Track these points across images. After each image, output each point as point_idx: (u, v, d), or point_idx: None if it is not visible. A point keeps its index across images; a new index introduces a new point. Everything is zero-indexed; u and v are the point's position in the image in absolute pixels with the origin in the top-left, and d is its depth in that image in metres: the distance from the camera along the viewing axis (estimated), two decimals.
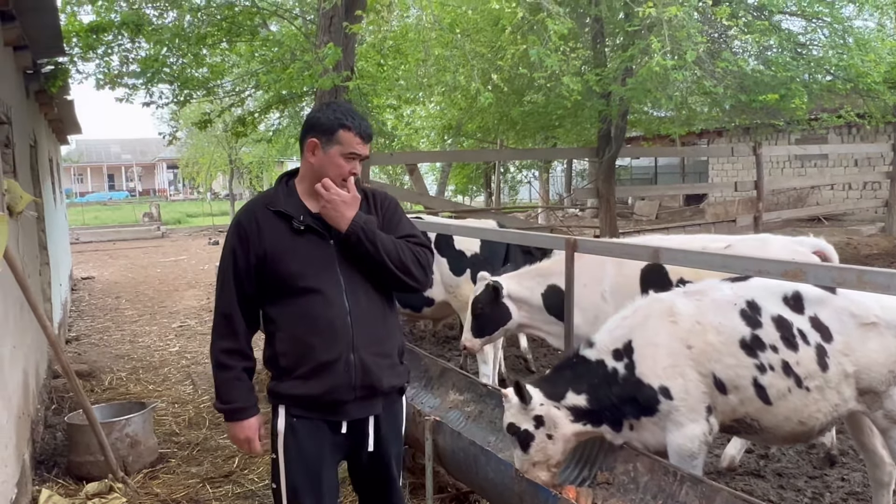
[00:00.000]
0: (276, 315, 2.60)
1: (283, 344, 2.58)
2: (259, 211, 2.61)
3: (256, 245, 2.56)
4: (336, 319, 2.54)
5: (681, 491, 3.04)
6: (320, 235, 2.59)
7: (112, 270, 16.85)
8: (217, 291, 2.65)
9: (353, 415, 2.63)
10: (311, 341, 2.54)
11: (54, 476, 4.85)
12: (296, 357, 2.57)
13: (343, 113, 2.59)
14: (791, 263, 2.84)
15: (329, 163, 2.58)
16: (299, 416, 2.60)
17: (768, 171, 19.37)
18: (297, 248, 2.56)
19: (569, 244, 3.84)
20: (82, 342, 9.09)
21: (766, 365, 3.20)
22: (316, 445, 2.62)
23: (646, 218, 21.69)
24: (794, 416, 3.24)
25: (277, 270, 2.55)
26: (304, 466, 2.61)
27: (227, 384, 2.61)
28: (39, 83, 7.55)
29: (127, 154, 66.66)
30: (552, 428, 3.25)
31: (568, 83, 6.61)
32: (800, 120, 10.54)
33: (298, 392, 2.58)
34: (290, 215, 2.58)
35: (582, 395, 3.29)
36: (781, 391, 3.20)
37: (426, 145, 19.52)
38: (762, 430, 3.33)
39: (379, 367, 2.62)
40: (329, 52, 6.37)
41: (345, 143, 2.56)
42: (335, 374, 2.55)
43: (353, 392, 2.58)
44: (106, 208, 43.08)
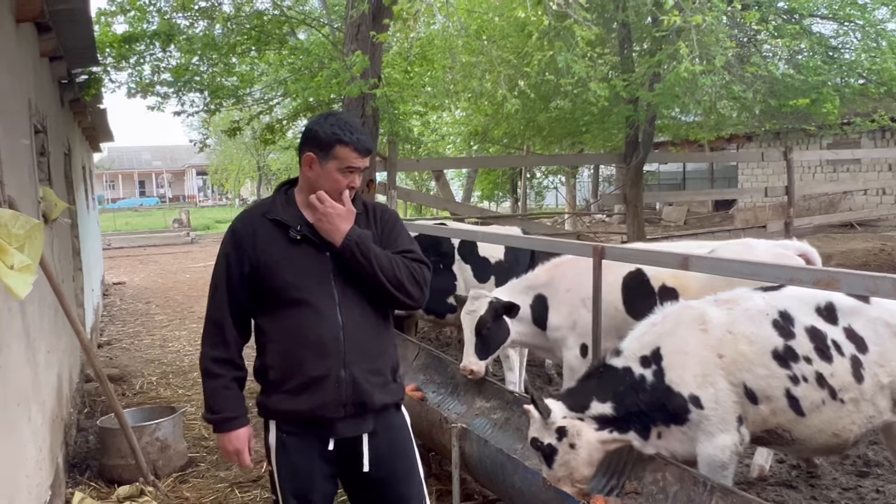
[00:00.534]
0: (267, 326, 2.55)
1: (272, 356, 2.53)
2: (256, 219, 2.57)
3: (251, 253, 2.51)
4: (327, 334, 2.48)
5: (711, 501, 3.00)
6: (316, 247, 2.52)
7: (142, 276, 17.09)
8: (209, 298, 2.60)
9: (342, 433, 2.54)
10: (300, 355, 2.48)
11: (87, 479, 4.92)
12: (285, 371, 2.51)
13: (341, 127, 2.52)
14: (823, 272, 2.79)
15: (326, 177, 2.52)
16: (289, 431, 2.55)
17: (799, 176, 19.13)
18: (292, 259, 2.51)
19: (596, 251, 3.81)
20: (113, 346, 9.23)
21: (800, 376, 3.16)
22: (306, 461, 2.56)
23: (674, 224, 21.50)
24: (828, 429, 3.20)
25: (271, 280, 2.50)
26: (295, 482, 2.56)
27: (216, 393, 2.55)
28: (74, 92, 7.71)
29: (157, 161, 67.74)
30: (575, 437, 3.22)
31: (595, 89, 6.58)
32: (832, 124, 10.38)
33: (286, 407, 2.52)
34: (287, 224, 2.52)
35: (607, 403, 3.27)
36: (815, 403, 3.16)
37: (452, 151, 19.55)
38: (794, 442, 3.29)
39: (371, 384, 2.54)
40: (357, 60, 6.43)
41: (342, 158, 2.49)
42: (324, 389, 2.48)
43: (343, 409, 2.50)
44: (137, 214, 43.77)
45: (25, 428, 3.43)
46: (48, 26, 5.09)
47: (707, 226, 19.07)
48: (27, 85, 4.59)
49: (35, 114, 4.82)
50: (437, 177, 16.97)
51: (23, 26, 4.49)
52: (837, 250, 14.63)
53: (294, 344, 2.49)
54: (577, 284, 4.72)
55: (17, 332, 3.41)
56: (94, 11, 7.58)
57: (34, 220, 2.91)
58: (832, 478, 4.59)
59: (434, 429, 4.19)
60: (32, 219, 2.94)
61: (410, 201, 17.12)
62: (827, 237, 16.86)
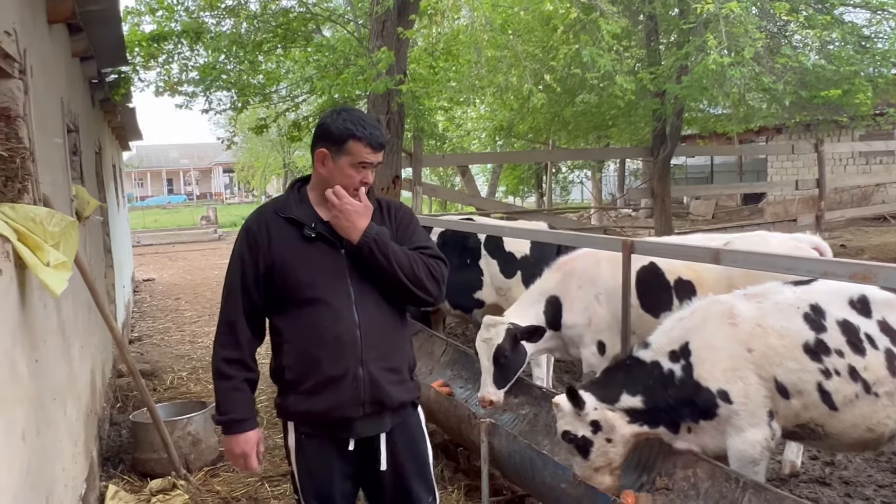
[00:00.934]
0: (282, 326, 2.52)
1: (288, 357, 2.50)
2: (269, 217, 2.53)
3: (265, 252, 2.48)
4: (344, 333, 2.45)
5: (743, 498, 2.97)
6: (331, 244, 2.49)
7: (171, 272, 17.30)
8: (223, 299, 2.57)
9: (361, 433, 2.52)
10: (317, 355, 2.45)
11: (120, 472, 5.00)
12: (301, 371, 2.48)
13: (353, 122, 2.48)
14: (860, 265, 2.74)
15: (339, 173, 2.48)
16: (307, 433, 2.54)
17: (831, 168, 18.79)
18: (308, 257, 2.47)
19: (625, 246, 3.79)
20: (144, 342, 9.35)
21: (832, 370, 3.13)
22: (325, 462, 2.55)
23: (702, 218, 21.27)
24: (862, 423, 3.16)
25: (286, 279, 2.47)
26: (315, 484, 2.56)
27: (226, 394, 2.52)
28: (104, 92, 7.82)
29: (185, 159, 68.49)
30: (610, 431, 3.23)
31: (621, 83, 6.52)
32: (864, 115, 10.19)
33: (304, 408, 2.50)
34: (301, 222, 2.49)
35: (637, 396, 3.27)
36: (848, 397, 3.12)
37: (477, 147, 19.52)
38: (827, 437, 3.25)
39: (389, 382, 2.52)
40: (382, 57, 6.43)
41: (354, 154, 2.46)
42: (342, 389, 2.45)
43: (361, 408, 2.48)
44: (165, 212, 44.31)
45: (61, 422, 3.49)
46: (79, 27, 5.16)
47: (736, 220, 18.83)
48: (60, 85, 4.66)
49: (68, 113, 4.90)
50: (463, 172, 16.96)
51: (55, 27, 4.55)
52: (871, 244, 14.38)
53: (310, 343, 2.46)
54: (588, 280, 4.73)
55: (52, 329, 3.47)
56: (122, 11, 7.69)
57: (69, 218, 2.95)
58: (867, 475, 4.52)
59: (463, 424, 4.19)
60: (67, 216, 2.98)
61: (435, 197, 17.13)
62: (859, 230, 16.58)
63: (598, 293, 4.69)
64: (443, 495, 4.22)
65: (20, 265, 2.67)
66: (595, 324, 4.66)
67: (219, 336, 2.55)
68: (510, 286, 6.07)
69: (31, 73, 3.22)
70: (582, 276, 4.75)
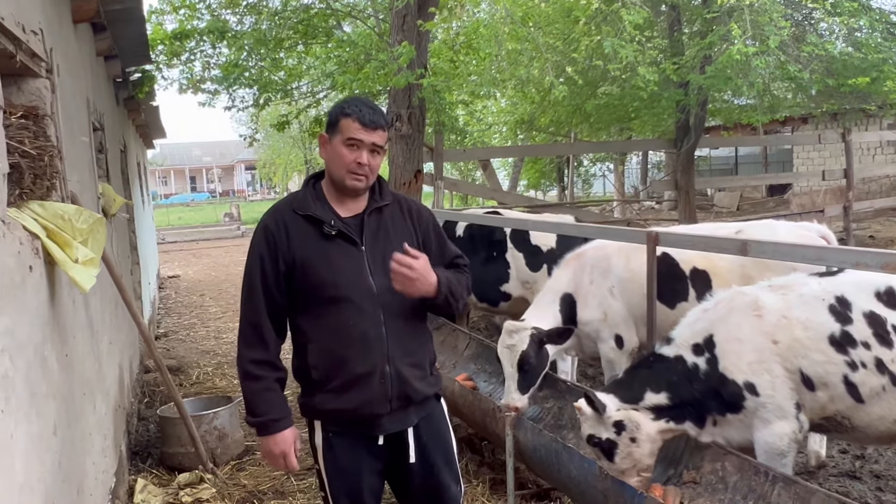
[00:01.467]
0: (306, 325, 2.50)
1: (314, 356, 2.48)
2: (287, 215, 2.50)
3: (285, 251, 2.45)
4: (370, 330, 2.44)
5: (773, 492, 2.94)
6: (351, 241, 2.48)
7: (196, 269, 17.47)
8: (243, 299, 2.53)
9: (389, 428, 2.53)
10: (344, 354, 2.45)
11: (148, 466, 5.06)
12: (328, 370, 2.47)
13: (347, 103, 2.49)
14: (892, 254, 2.69)
15: (334, 154, 2.46)
16: (335, 431, 2.53)
17: (858, 158, 18.44)
18: (328, 255, 2.45)
19: (650, 238, 3.76)
20: (170, 338, 9.46)
21: (858, 362, 3.09)
22: (354, 459, 2.54)
23: (726, 209, 21.03)
24: (890, 416, 3.11)
25: (308, 278, 2.45)
26: (344, 480, 2.55)
27: (259, 395, 2.49)
28: (128, 90, 7.91)
29: (207, 157, 69.08)
30: (635, 430, 3.20)
31: (644, 74, 6.45)
32: (893, 103, 10.00)
33: (332, 406, 2.49)
34: (321, 220, 2.47)
35: (662, 393, 3.24)
36: (875, 389, 3.08)
37: (498, 140, 19.46)
38: (854, 430, 3.21)
39: (414, 377, 2.53)
40: (403, 51, 6.42)
41: (344, 130, 2.42)
42: (370, 386, 2.46)
43: (389, 405, 2.49)
44: (189, 209, 44.75)
45: (91, 417, 3.54)
46: (103, 26, 5.21)
47: (761, 211, 18.59)
48: (85, 84, 4.72)
49: (93, 112, 4.95)
50: (484, 166, 16.91)
51: (80, 27, 4.60)
52: None
53: (337, 342, 2.45)
54: (600, 274, 4.68)
55: (81, 325, 3.51)
56: (146, 10, 7.76)
57: (97, 215, 2.99)
58: None
59: (488, 418, 4.19)
60: (95, 213, 3.02)
61: (457, 191, 17.10)
62: (888, 221, 16.28)
63: (612, 286, 4.64)
64: (468, 489, 4.22)
65: (49, 262, 2.71)
66: (611, 318, 4.63)
67: (244, 337, 2.52)
68: (536, 279, 6.05)
69: (57, 72, 3.26)
70: (593, 271, 4.71)
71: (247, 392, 2.52)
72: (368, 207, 2.55)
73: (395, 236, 2.55)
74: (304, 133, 11.44)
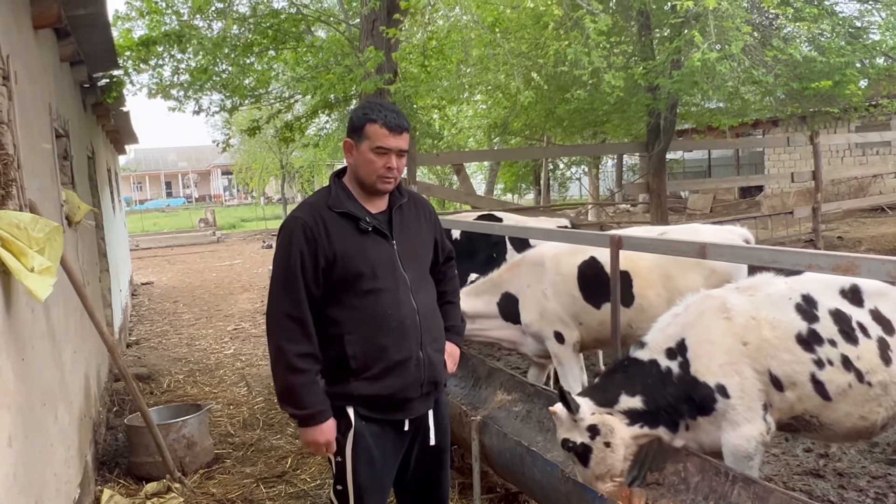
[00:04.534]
0: (341, 317, 2.58)
1: (353, 346, 2.56)
2: (323, 211, 2.58)
3: (325, 246, 2.53)
4: (407, 318, 2.59)
5: (733, 491, 2.97)
6: (384, 236, 2.62)
7: (170, 275, 17.31)
8: (279, 294, 2.55)
9: (417, 411, 2.69)
10: (383, 342, 2.56)
11: (116, 476, 5.01)
12: (367, 358, 2.57)
13: (371, 108, 2.59)
14: (843, 257, 2.74)
15: (362, 160, 2.58)
16: (367, 417, 2.62)
17: (827, 160, 18.77)
18: (365, 249, 2.57)
19: (613, 241, 3.79)
20: (142, 346, 9.36)
21: (825, 360, 3.12)
22: (381, 447, 2.65)
23: (699, 212, 21.25)
24: (856, 412, 3.14)
25: (347, 271, 2.55)
26: (372, 468, 2.64)
27: (304, 388, 2.53)
28: (96, 96, 7.82)
29: (183, 161, 68.51)
30: (609, 435, 3.17)
31: (609, 80, 6.51)
32: (857, 106, 10.17)
33: (368, 392, 2.58)
34: (357, 216, 2.58)
35: (637, 396, 3.23)
36: (841, 386, 3.11)
37: (474, 144, 19.52)
38: (822, 427, 3.24)
39: (440, 362, 2.74)
40: (370, 56, 6.43)
41: (372, 137, 2.53)
42: (407, 372, 2.60)
43: (420, 388, 2.65)
44: (164, 215, 44.34)
45: (52, 427, 3.50)
46: (67, 31, 5.16)
47: (733, 213, 18.82)
48: (47, 90, 4.67)
49: (56, 118, 4.90)
50: (458, 170, 16.94)
51: (41, 33, 4.55)
52: (867, 235, 14.38)
53: (376, 331, 2.56)
54: (535, 279, 5.06)
55: (41, 333, 3.47)
56: (112, 15, 7.68)
57: (53, 223, 2.96)
58: (861, 466, 4.52)
59: (455, 422, 4.18)
60: (52, 221, 2.99)
61: (431, 195, 17.11)
62: (856, 222, 16.57)
63: (545, 289, 5.02)
64: None
65: (4, 271, 2.68)
66: (547, 317, 5.01)
67: (285, 332, 2.53)
68: None
69: (15, 79, 3.23)
70: (530, 275, 5.08)
71: (291, 385, 2.54)
72: (392, 204, 2.70)
73: (417, 231, 2.76)
74: (276, 138, 11.37)
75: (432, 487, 2.87)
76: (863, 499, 4.11)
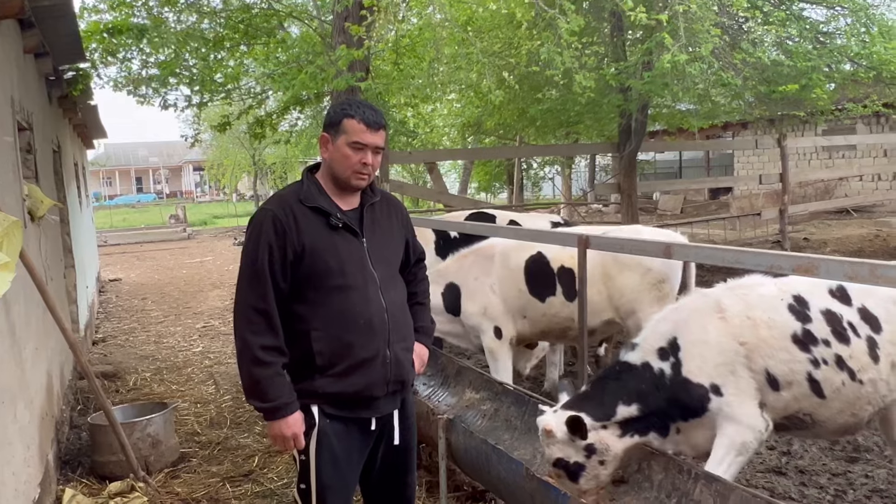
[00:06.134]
0: (308, 313, 2.56)
1: (319, 343, 2.55)
2: (294, 205, 2.56)
3: (294, 240, 2.51)
4: (375, 316, 2.58)
5: (695, 489, 3.00)
6: (353, 233, 2.61)
7: (139, 272, 17.09)
8: (246, 287, 2.54)
9: (383, 410, 2.68)
10: (349, 339, 2.55)
11: (78, 476, 4.93)
12: (333, 355, 2.55)
13: (350, 104, 2.60)
14: (803, 258, 2.79)
15: (338, 155, 2.57)
16: (331, 415, 2.60)
17: (795, 162, 19.10)
18: (335, 245, 2.56)
19: (581, 241, 3.82)
20: (109, 343, 9.23)
21: (820, 359, 3.11)
22: (346, 446, 2.64)
23: (670, 213, 21.48)
24: (848, 409, 3.16)
25: (316, 267, 2.53)
26: (336, 467, 2.62)
27: (269, 381, 2.51)
28: (62, 89, 7.67)
29: (154, 157, 67.59)
30: (604, 453, 3.10)
31: (580, 81, 6.55)
32: (823, 110, 10.36)
33: (333, 389, 2.57)
34: (328, 212, 2.57)
35: (633, 405, 3.14)
36: (836, 385, 3.11)
37: (448, 143, 19.52)
38: (815, 425, 3.23)
39: (408, 361, 2.72)
40: (342, 54, 6.39)
41: (349, 132, 2.53)
42: (373, 370, 2.58)
43: (386, 387, 2.63)
44: (134, 211, 43.73)
45: (11, 425, 3.43)
46: (31, 22, 5.06)
47: (703, 214, 19.05)
48: (9, 82, 4.57)
49: (19, 111, 4.80)
50: (430, 169, 16.94)
51: (4, 23, 4.46)
52: (833, 237, 14.64)
53: (343, 329, 2.55)
54: (483, 273, 5.17)
55: (0, 330, 3.41)
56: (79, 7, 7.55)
57: (12, 218, 2.90)
58: (822, 463, 4.60)
59: (422, 420, 4.18)
60: (10, 216, 2.93)
61: (404, 194, 17.10)
62: (822, 224, 16.86)
63: (492, 283, 5.12)
64: None
65: None
66: (490, 311, 5.11)
67: (250, 324, 2.51)
68: None
69: None
70: (478, 268, 5.19)
71: (256, 378, 2.52)
72: (364, 202, 2.68)
73: (388, 230, 2.75)
74: (248, 134, 11.26)
75: (398, 487, 2.86)
76: (823, 496, 4.18)
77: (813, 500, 4.13)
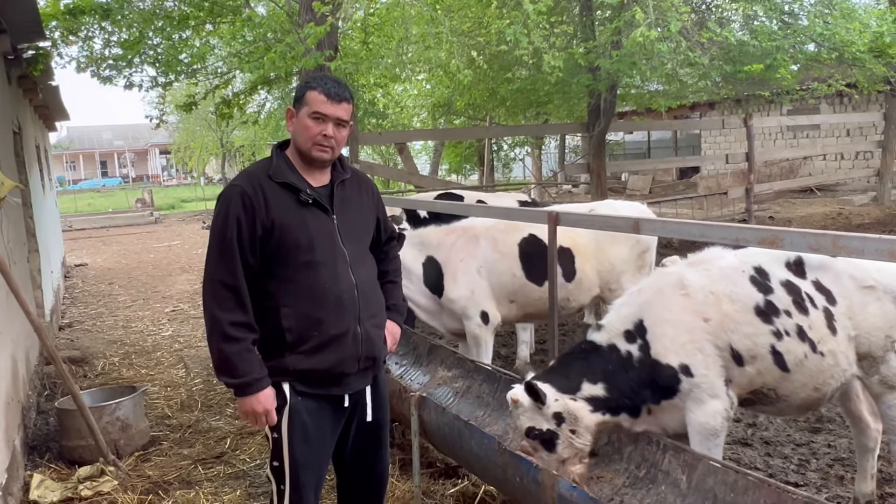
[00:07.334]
0: (277, 290, 2.55)
1: (288, 319, 2.54)
2: (263, 181, 2.55)
3: (263, 216, 2.50)
4: (344, 293, 2.57)
5: (664, 460, 3.06)
6: (323, 209, 2.60)
7: (105, 257, 16.82)
8: (214, 262, 2.52)
9: (355, 387, 2.68)
10: (319, 315, 2.54)
11: (46, 461, 4.87)
12: (303, 332, 2.55)
13: (314, 77, 2.63)
14: (767, 230, 2.84)
15: (300, 126, 2.57)
16: (303, 392, 2.59)
17: (760, 142, 19.36)
18: (305, 221, 2.55)
19: (551, 217, 3.84)
20: (75, 328, 9.09)
21: (782, 330, 3.10)
22: (318, 423, 2.63)
23: (639, 193, 21.66)
24: (811, 383, 3.16)
25: (285, 243, 2.52)
26: (308, 444, 2.62)
27: (239, 357, 2.49)
28: (21, 68, 7.47)
29: (119, 140, 66.33)
30: (574, 422, 3.09)
31: (549, 60, 6.55)
32: (788, 90, 10.50)
33: (304, 366, 2.56)
34: (297, 188, 2.56)
35: (599, 384, 3.13)
36: (798, 357, 3.11)
37: (418, 124, 19.44)
38: (779, 400, 3.22)
39: (379, 338, 2.72)
40: (311, 32, 6.30)
41: (310, 103, 2.54)
42: (343, 346, 2.58)
43: (357, 364, 2.63)
44: (99, 195, 42.89)
45: None
46: None
47: (671, 194, 19.25)
48: None
49: None
50: (401, 150, 16.83)
51: None
52: (797, 215, 14.90)
53: (312, 305, 2.54)
54: (469, 254, 4.98)
55: None
56: None
57: None
58: (786, 434, 4.72)
59: (394, 398, 4.20)
60: None
61: (375, 175, 17.03)
62: (787, 202, 17.15)
63: (480, 266, 4.95)
64: None
65: None
66: (477, 295, 4.92)
67: (218, 301, 2.50)
68: None
69: None
70: (464, 250, 5.00)
71: (225, 354, 2.50)
72: (334, 179, 2.68)
73: (359, 208, 2.75)
74: (215, 115, 11.07)
75: (371, 463, 2.87)
76: (787, 465, 4.28)
77: (778, 469, 4.24)
